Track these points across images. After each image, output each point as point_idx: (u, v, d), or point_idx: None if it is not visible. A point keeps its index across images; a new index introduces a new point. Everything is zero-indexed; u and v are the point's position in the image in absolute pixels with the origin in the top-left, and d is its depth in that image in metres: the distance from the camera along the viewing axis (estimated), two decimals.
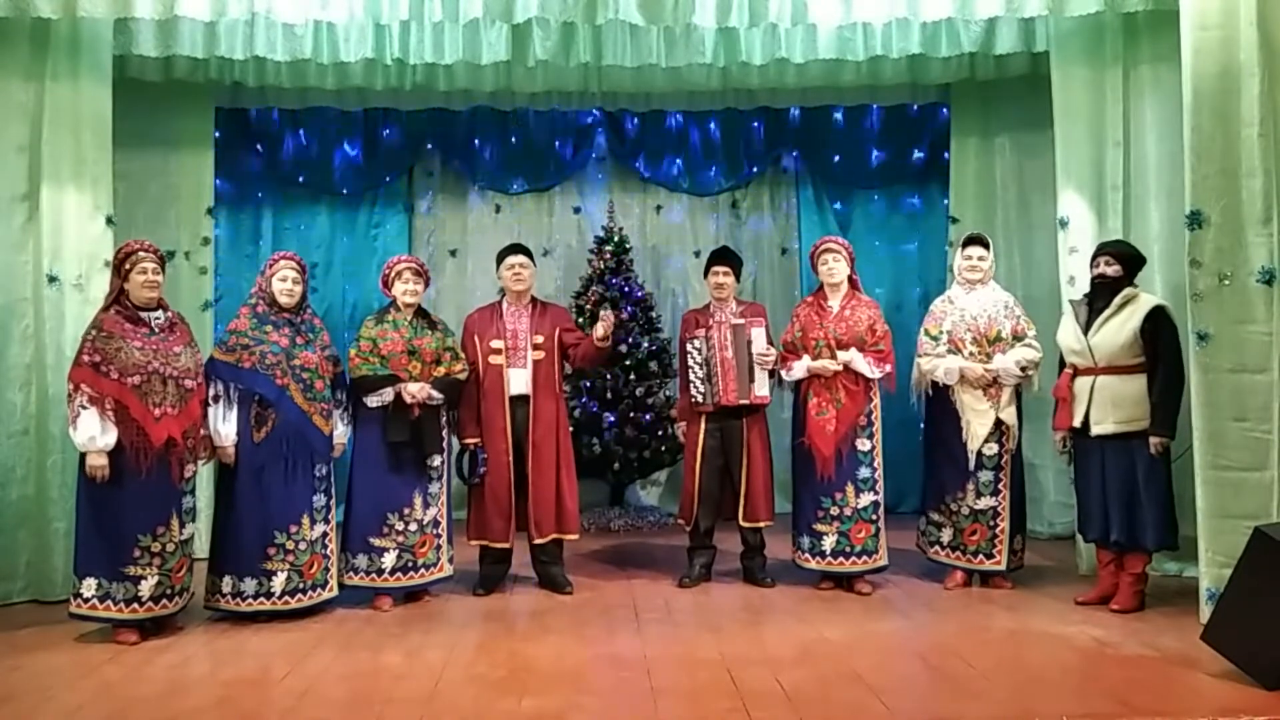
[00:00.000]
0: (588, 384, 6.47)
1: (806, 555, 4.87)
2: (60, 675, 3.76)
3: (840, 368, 4.78)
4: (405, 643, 4.12)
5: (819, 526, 4.81)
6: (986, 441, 4.76)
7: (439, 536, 4.79)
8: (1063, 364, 4.69)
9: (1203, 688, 3.47)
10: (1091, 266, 4.63)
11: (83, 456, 4.08)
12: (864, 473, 4.80)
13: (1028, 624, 4.29)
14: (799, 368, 4.86)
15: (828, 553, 4.80)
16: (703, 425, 4.96)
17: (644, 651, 3.95)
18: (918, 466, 5.59)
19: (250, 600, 4.40)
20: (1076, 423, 4.48)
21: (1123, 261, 4.54)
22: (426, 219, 7.24)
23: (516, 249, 5.03)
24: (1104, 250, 4.61)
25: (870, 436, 4.82)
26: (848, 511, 4.78)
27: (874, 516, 4.81)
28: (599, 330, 4.79)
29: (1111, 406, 4.41)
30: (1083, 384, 4.50)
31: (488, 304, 5.13)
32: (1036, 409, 4.95)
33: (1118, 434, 4.40)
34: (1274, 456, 3.99)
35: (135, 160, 5.84)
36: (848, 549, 4.79)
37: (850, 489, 4.78)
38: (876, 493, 4.82)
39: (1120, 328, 4.42)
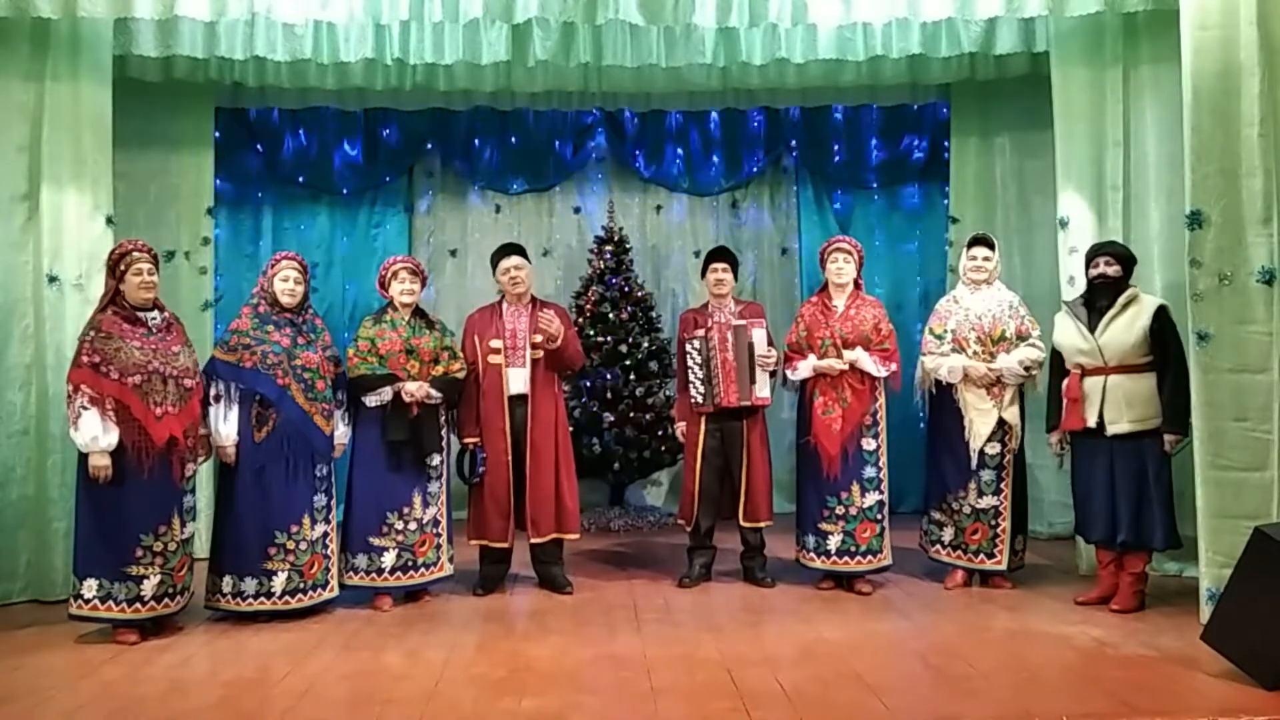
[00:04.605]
0: (588, 384, 6.47)
1: (811, 554, 4.87)
2: (60, 675, 3.76)
3: (846, 367, 4.78)
4: (405, 643, 4.12)
5: (824, 525, 4.82)
6: (989, 441, 4.77)
7: (439, 536, 4.79)
8: (1055, 366, 4.70)
9: (1203, 688, 3.46)
10: (1089, 267, 4.63)
11: (83, 457, 4.07)
12: (869, 472, 4.80)
13: (1028, 624, 4.29)
14: (804, 367, 4.86)
15: (833, 552, 4.81)
16: (703, 425, 4.96)
17: (644, 651, 3.95)
18: (918, 466, 5.59)
19: (250, 600, 4.40)
20: (1091, 423, 4.48)
21: (1121, 262, 4.55)
22: (426, 219, 7.24)
23: (511, 250, 4.97)
24: (1103, 250, 4.61)
25: (875, 436, 4.82)
26: (853, 511, 4.78)
27: (879, 516, 4.81)
28: (548, 335, 4.77)
29: (1125, 406, 4.41)
30: (1093, 384, 4.49)
31: (488, 304, 5.12)
32: (1038, 409, 4.94)
33: (1130, 433, 4.40)
34: (1274, 456, 3.99)
35: (135, 160, 5.84)
36: (853, 548, 4.79)
37: (856, 488, 4.78)
38: (881, 492, 4.83)
39: (1129, 327, 4.42)
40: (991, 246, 4.96)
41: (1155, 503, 4.39)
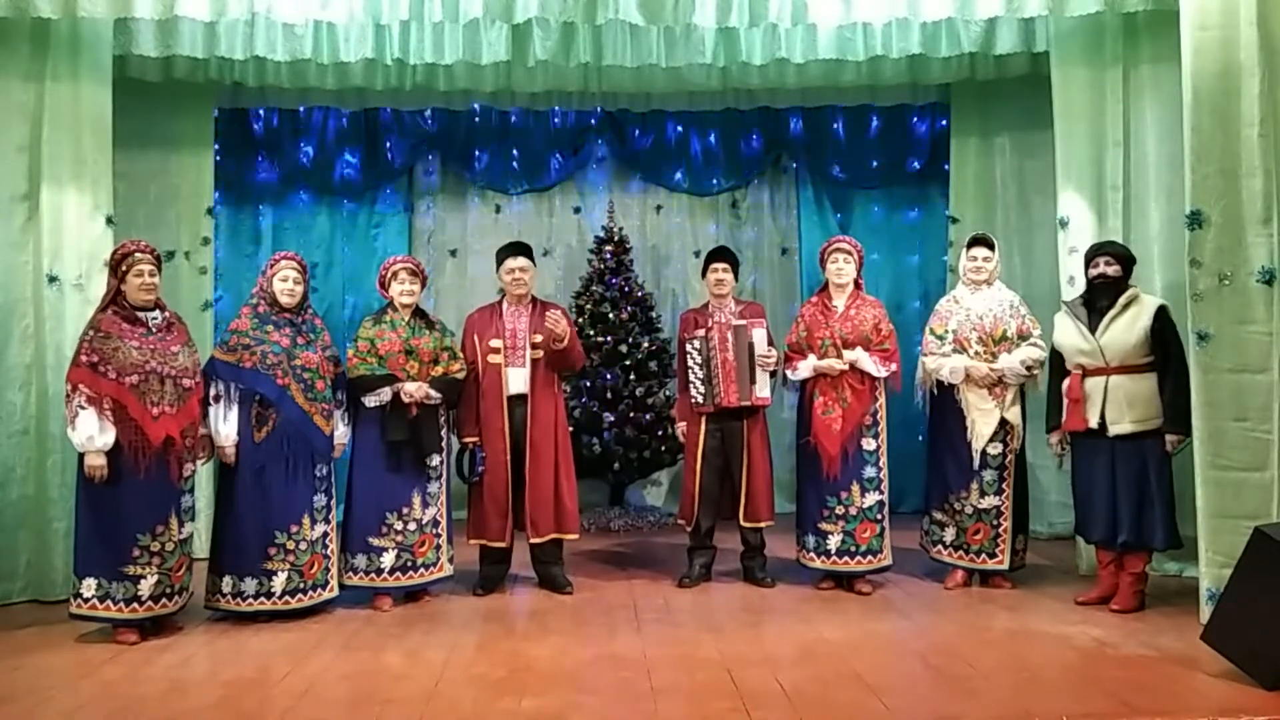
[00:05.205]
0: (588, 384, 6.47)
1: (811, 554, 4.87)
2: (60, 675, 3.76)
3: (846, 367, 4.78)
4: (405, 643, 4.12)
5: (824, 526, 4.82)
6: (991, 441, 4.76)
7: (438, 536, 4.79)
8: (1054, 367, 4.70)
9: (1203, 688, 3.47)
10: (1089, 267, 4.63)
11: (82, 456, 4.08)
12: (869, 472, 4.80)
13: (1028, 624, 4.29)
14: (804, 367, 4.87)
15: (833, 552, 4.81)
16: (703, 425, 4.96)
17: (644, 651, 3.95)
18: (919, 466, 5.59)
19: (250, 600, 4.40)
20: (1093, 423, 4.47)
21: (1121, 262, 4.56)
22: (426, 219, 7.23)
23: (516, 250, 4.98)
24: (1103, 250, 4.61)
25: (875, 436, 4.83)
26: (853, 511, 4.79)
27: (879, 516, 4.81)
28: (554, 332, 4.76)
29: (1127, 406, 4.41)
30: (1094, 385, 4.49)
31: (488, 304, 5.12)
32: (1039, 409, 4.95)
33: (1131, 434, 4.40)
34: (1274, 456, 3.99)
35: (135, 160, 5.84)
36: (853, 548, 4.80)
37: (856, 488, 4.78)
38: (881, 492, 4.83)
39: (1130, 327, 4.42)
40: (991, 246, 4.96)
41: (1156, 503, 4.39)
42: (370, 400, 4.63)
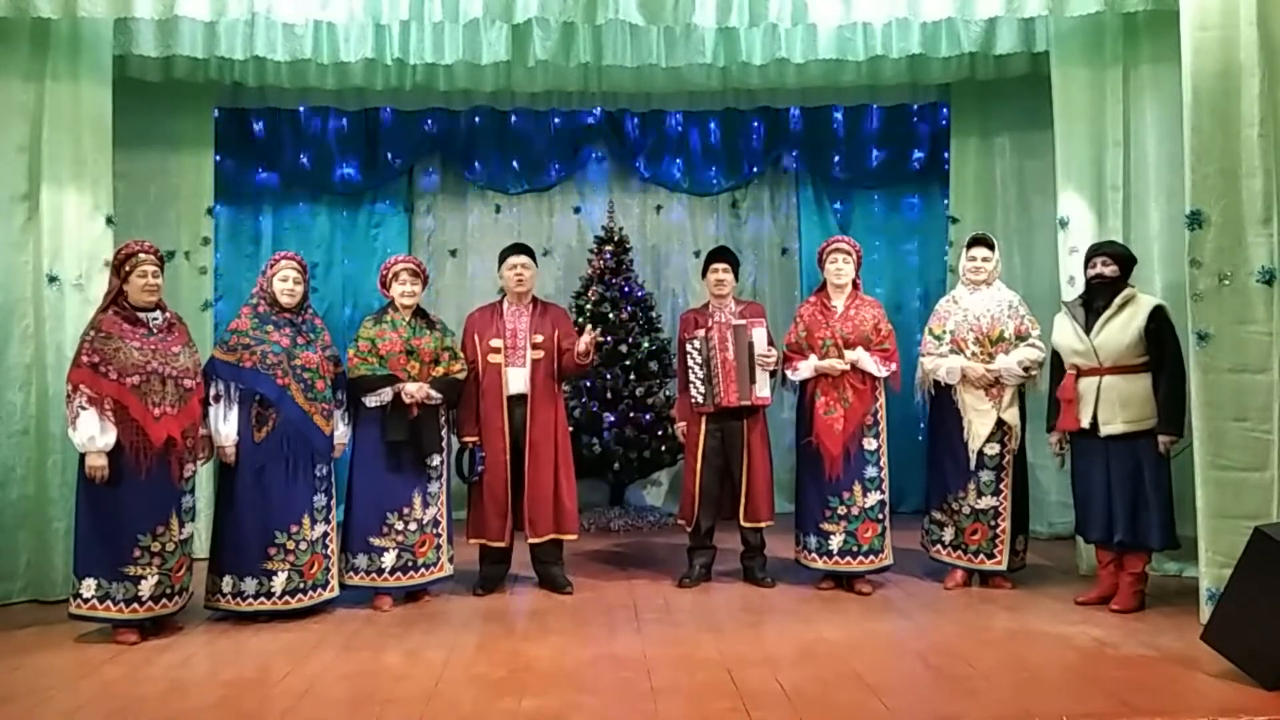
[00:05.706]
0: (588, 384, 6.47)
1: (813, 555, 4.87)
2: (60, 675, 3.77)
3: (848, 367, 4.79)
4: (405, 643, 4.12)
5: (826, 526, 4.82)
6: (988, 441, 4.77)
7: (439, 536, 4.79)
8: (1055, 367, 4.70)
9: (1203, 688, 3.47)
10: (1087, 267, 4.63)
11: (82, 457, 4.08)
12: (871, 472, 4.81)
13: (1028, 624, 4.29)
14: (805, 367, 4.87)
15: (835, 552, 4.81)
16: (703, 425, 4.96)
17: (644, 651, 3.95)
18: (919, 466, 5.60)
19: (250, 600, 4.40)
20: (1085, 423, 4.48)
21: (1119, 262, 4.55)
22: (426, 219, 7.23)
23: (519, 249, 5.01)
24: (1100, 251, 4.62)
25: (876, 435, 4.83)
26: (855, 511, 4.79)
27: (880, 515, 4.82)
28: (580, 346, 4.79)
29: (1120, 407, 4.41)
30: (1088, 385, 4.50)
31: (489, 303, 5.13)
32: (1039, 409, 4.96)
33: (1125, 434, 4.40)
34: (1274, 456, 3.99)
35: (135, 160, 5.84)
36: (854, 548, 4.80)
37: (858, 488, 4.78)
38: (883, 492, 4.83)
39: (1124, 327, 4.42)
40: (991, 247, 4.97)
41: (1152, 503, 4.39)
42: (371, 400, 4.64)
